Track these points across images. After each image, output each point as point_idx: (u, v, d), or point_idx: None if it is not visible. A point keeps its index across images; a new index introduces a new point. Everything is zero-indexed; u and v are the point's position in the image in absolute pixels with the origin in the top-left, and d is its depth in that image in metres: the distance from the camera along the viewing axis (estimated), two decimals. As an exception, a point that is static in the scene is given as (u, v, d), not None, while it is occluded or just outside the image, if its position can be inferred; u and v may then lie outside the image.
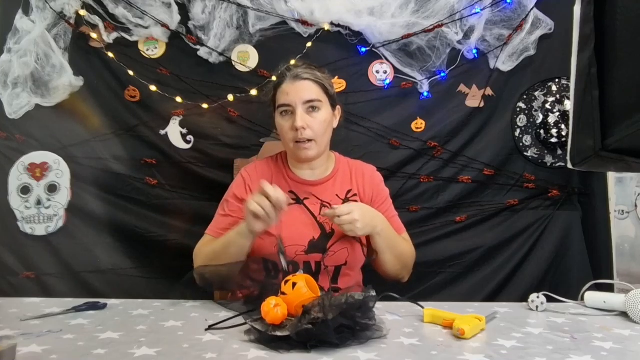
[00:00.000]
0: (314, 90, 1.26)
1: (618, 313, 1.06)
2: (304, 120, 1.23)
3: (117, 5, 1.80)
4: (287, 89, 1.25)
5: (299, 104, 1.24)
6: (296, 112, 1.23)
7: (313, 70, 1.29)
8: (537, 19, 1.83)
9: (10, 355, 0.73)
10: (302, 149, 1.26)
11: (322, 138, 1.28)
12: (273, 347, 0.81)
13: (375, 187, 1.37)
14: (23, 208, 1.84)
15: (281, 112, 1.27)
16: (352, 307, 0.87)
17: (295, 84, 1.25)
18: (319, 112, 1.26)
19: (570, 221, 1.89)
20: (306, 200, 1.31)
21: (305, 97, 1.24)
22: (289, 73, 1.27)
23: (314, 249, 1.24)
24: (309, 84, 1.26)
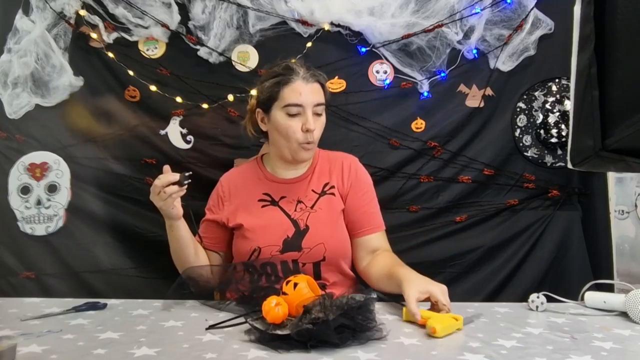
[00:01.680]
0: (321, 94, 1.28)
1: (618, 313, 1.06)
2: (313, 123, 1.24)
3: (117, 5, 1.80)
4: (300, 88, 1.24)
5: (309, 106, 1.24)
6: (306, 113, 1.24)
7: (320, 73, 1.31)
8: (537, 19, 1.83)
9: (10, 355, 0.73)
10: (306, 150, 1.27)
11: (318, 141, 1.31)
12: (273, 346, 0.81)
13: (354, 176, 1.36)
14: (23, 208, 1.84)
15: (288, 111, 1.25)
16: (352, 307, 0.87)
17: (308, 86, 1.25)
18: (321, 116, 1.29)
19: (570, 221, 1.89)
20: (282, 200, 1.31)
21: (316, 100, 1.26)
22: (300, 72, 1.26)
23: (289, 248, 1.24)
24: (319, 87, 1.28)
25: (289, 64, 1.29)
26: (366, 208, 1.34)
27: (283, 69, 1.28)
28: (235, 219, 1.31)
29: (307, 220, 1.26)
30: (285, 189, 1.33)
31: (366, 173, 1.41)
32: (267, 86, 1.28)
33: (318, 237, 1.25)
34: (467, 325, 0.98)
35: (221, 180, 1.42)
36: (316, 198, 1.30)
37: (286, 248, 1.24)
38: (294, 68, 1.27)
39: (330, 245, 1.25)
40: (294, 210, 1.28)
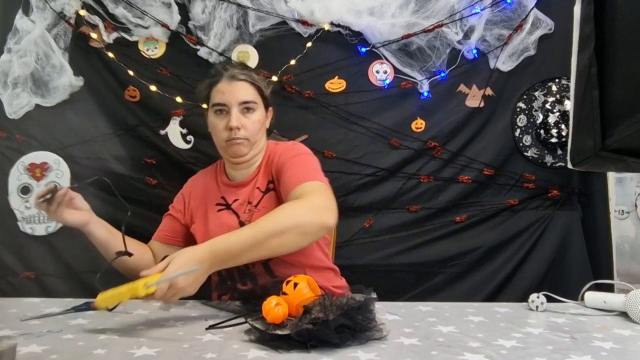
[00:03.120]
0: (249, 92, 1.29)
1: (618, 313, 1.06)
2: (238, 121, 1.25)
3: (117, 5, 1.80)
4: (224, 88, 1.27)
5: (234, 105, 1.26)
6: (231, 112, 1.26)
7: (250, 72, 1.32)
8: (537, 19, 1.83)
9: (10, 355, 0.73)
10: (235, 144, 1.27)
11: (255, 138, 1.30)
12: (273, 346, 0.81)
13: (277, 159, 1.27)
14: (23, 208, 1.84)
15: (216, 111, 1.29)
16: (352, 307, 0.87)
17: (232, 84, 1.27)
18: (253, 113, 1.29)
19: (570, 221, 1.89)
20: (235, 202, 1.31)
21: (240, 98, 1.27)
22: (225, 73, 1.29)
23: None
24: (245, 85, 1.28)
25: (219, 66, 1.34)
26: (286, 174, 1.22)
27: (214, 71, 1.33)
28: (195, 222, 1.35)
29: (251, 220, 1.23)
30: (237, 191, 1.32)
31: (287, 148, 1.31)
32: (201, 89, 1.35)
33: None
34: (467, 325, 0.98)
35: (189, 181, 1.46)
36: (261, 196, 1.28)
37: None
38: (221, 69, 1.31)
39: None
40: (244, 212, 1.28)
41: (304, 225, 1.06)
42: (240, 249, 1.02)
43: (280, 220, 1.06)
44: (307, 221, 1.06)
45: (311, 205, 1.09)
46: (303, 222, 1.06)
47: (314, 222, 1.07)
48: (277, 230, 1.03)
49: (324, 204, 1.10)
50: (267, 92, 1.34)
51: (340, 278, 1.39)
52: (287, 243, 1.06)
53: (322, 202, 1.10)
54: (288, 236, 1.04)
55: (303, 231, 1.06)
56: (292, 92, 1.85)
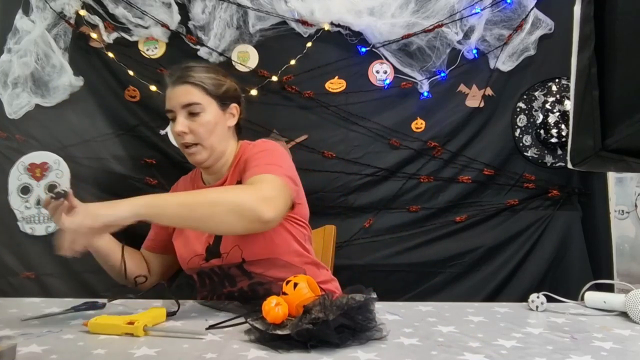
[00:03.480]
0: (192, 94, 1.22)
1: (618, 313, 1.06)
2: (180, 126, 1.21)
3: (117, 5, 1.80)
4: (169, 94, 1.25)
5: (178, 109, 1.22)
6: (177, 118, 1.22)
7: (196, 72, 1.24)
8: (537, 19, 1.83)
9: (10, 355, 0.73)
10: (190, 154, 1.24)
11: (209, 141, 1.23)
12: (273, 346, 0.81)
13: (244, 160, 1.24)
14: (23, 208, 1.84)
15: (169, 118, 1.26)
16: (352, 307, 0.87)
17: (175, 89, 1.23)
18: (200, 115, 1.22)
19: (570, 221, 1.89)
20: None
21: (184, 101, 1.22)
22: (169, 78, 1.25)
23: (211, 255, 1.22)
24: (187, 87, 1.23)
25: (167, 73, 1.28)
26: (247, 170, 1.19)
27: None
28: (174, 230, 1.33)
29: None
30: None
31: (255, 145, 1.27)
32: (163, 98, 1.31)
33: (231, 240, 1.18)
34: (467, 325, 0.98)
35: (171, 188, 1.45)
36: None
37: (209, 256, 1.22)
38: (167, 75, 1.27)
39: (246, 247, 1.17)
40: None
41: (239, 206, 1.01)
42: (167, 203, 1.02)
43: (218, 193, 1.07)
44: (243, 203, 1.01)
45: (254, 192, 1.06)
46: (239, 202, 1.02)
47: (250, 207, 1.01)
48: (210, 201, 1.02)
49: (268, 196, 1.05)
50: (218, 90, 1.25)
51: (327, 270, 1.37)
52: (217, 218, 1.01)
53: (266, 193, 1.05)
54: (219, 210, 1.00)
55: (236, 211, 1.01)
56: (292, 92, 1.85)
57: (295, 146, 1.85)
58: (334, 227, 1.67)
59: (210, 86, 1.24)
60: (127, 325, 0.88)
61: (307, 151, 1.86)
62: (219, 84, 1.26)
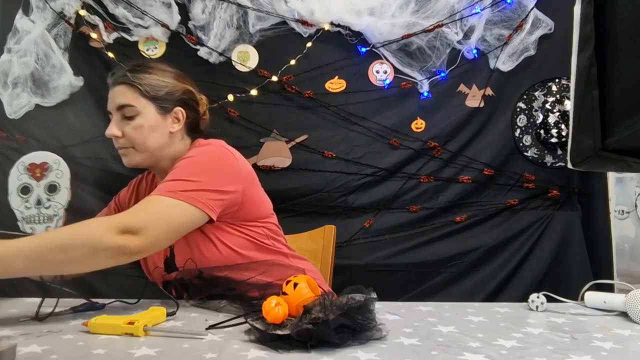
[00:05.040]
0: (126, 95, 1.16)
1: (618, 313, 1.06)
2: (112, 129, 1.17)
3: (117, 5, 1.80)
4: (109, 95, 1.20)
5: (114, 111, 1.18)
6: (112, 120, 1.18)
7: (135, 73, 1.17)
8: (537, 19, 1.84)
9: (10, 355, 0.72)
10: (122, 156, 1.20)
11: (144, 145, 1.16)
12: (273, 346, 0.81)
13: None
14: (23, 208, 1.84)
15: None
16: (352, 307, 0.87)
17: (113, 90, 1.19)
18: (134, 119, 1.15)
19: (570, 221, 1.89)
20: None
21: (116, 102, 1.17)
22: (111, 79, 1.20)
23: (169, 268, 1.18)
24: (123, 88, 1.17)
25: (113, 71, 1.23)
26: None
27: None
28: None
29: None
30: None
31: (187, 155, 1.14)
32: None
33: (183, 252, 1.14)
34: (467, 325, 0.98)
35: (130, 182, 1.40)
36: None
37: (167, 268, 1.19)
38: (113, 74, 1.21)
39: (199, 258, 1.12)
40: None
41: (93, 246, 0.92)
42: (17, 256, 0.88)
43: (68, 235, 0.94)
44: (98, 241, 0.92)
45: (111, 225, 0.95)
46: (93, 241, 0.92)
47: (107, 244, 0.92)
48: (60, 247, 0.91)
49: (132, 225, 0.95)
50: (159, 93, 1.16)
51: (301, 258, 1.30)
52: (75, 263, 0.94)
53: (130, 223, 0.96)
54: (74, 255, 0.91)
55: (93, 252, 0.92)
56: (292, 92, 1.85)
57: (295, 146, 1.85)
58: (334, 227, 1.67)
59: (147, 87, 1.16)
60: (127, 325, 0.88)
61: (307, 151, 1.86)
62: (160, 86, 1.17)
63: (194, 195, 1.04)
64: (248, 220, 1.18)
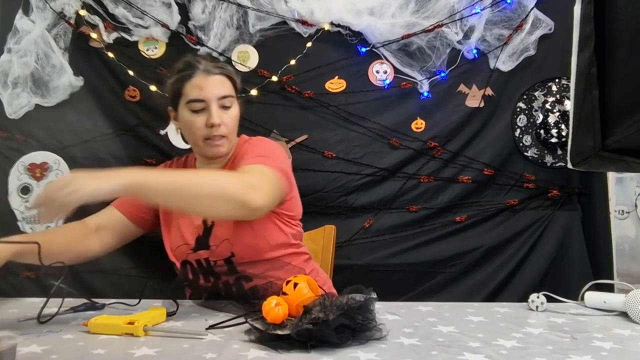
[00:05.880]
0: (226, 86, 1.21)
1: (618, 313, 1.06)
2: (220, 117, 1.18)
3: (117, 5, 1.80)
4: (201, 83, 1.18)
5: (213, 100, 1.18)
6: (211, 108, 1.18)
7: (224, 65, 1.25)
8: (537, 19, 1.83)
9: (10, 355, 0.72)
10: (215, 146, 1.20)
11: (233, 134, 1.24)
12: (273, 346, 0.81)
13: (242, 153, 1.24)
14: (23, 208, 1.84)
15: (192, 107, 1.20)
16: (352, 307, 0.87)
17: (209, 79, 1.19)
18: (231, 108, 1.22)
19: (570, 221, 1.89)
20: None
21: (219, 92, 1.19)
22: (199, 66, 1.20)
23: (200, 246, 1.20)
24: (222, 78, 1.21)
25: (190, 59, 1.23)
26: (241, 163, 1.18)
27: (184, 64, 1.23)
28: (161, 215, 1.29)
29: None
30: None
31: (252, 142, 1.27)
32: (171, 83, 1.25)
33: (222, 234, 1.17)
34: (467, 325, 0.98)
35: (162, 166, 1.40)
36: None
37: (197, 246, 1.20)
38: (193, 62, 1.21)
39: (237, 242, 1.17)
40: None
41: (225, 190, 1.00)
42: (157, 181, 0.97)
43: (208, 178, 1.04)
44: (229, 188, 1.00)
45: (240, 179, 1.04)
46: (225, 187, 1.00)
47: (236, 193, 1.00)
48: (198, 183, 1.00)
49: (255, 184, 1.03)
50: (239, 85, 1.27)
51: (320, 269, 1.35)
52: (204, 201, 1.00)
53: (253, 181, 1.04)
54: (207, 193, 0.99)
55: (223, 196, 1.00)
56: (292, 92, 1.85)
57: (295, 146, 1.85)
58: (334, 227, 1.67)
59: (237, 81, 1.26)
60: (127, 325, 0.88)
61: (307, 151, 1.86)
62: (238, 79, 1.27)
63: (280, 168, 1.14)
64: (289, 216, 1.25)
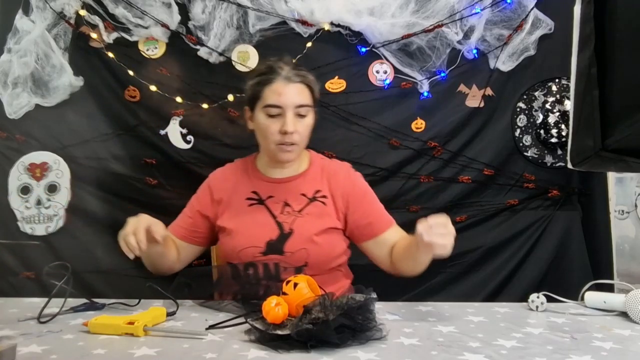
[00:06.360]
0: (304, 95, 1.25)
1: (618, 313, 1.06)
2: (294, 125, 1.22)
3: (117, 5, 1.80)
4: (280, 89, 1.22)
5: (290, 107, 1.22)
6: (286, 115, 1.22)
7: (305, 73, 1.27)
8: (537, 19, 1.83)
9: (10, 355, 0.73)
10: (285, 151, 1.25)
11: (305, 142, 1.29)
12: (273, 346, 0.81)
13: (350, 185, 1.34)
14: (23, 208, 1.84)
15: (268, 112, 1.24)
16: (352, 307, 0.87)
17: (289, 86, 1.23)
18: (306, 117, 1.26)
19: (570, 221, 1.89)
20: (269, 199, 1.29)
21: (297, 101, 1.23)
22: (282, 72, 1.24)
23: (271, 250, 1.22)
24: (302, 87, 1.25)
25: (273, 63, 1.27)
26: (371, 211, 1.33)
27: (266, 68, 1.27)
28: (223, 216, 1.30)
29: (293, 224, 1.24)
30: (273, 188, 1.31)
31: (360, 178, 1.39)
32: (251, 85, 1.28)
33: (301, 242, 1.22)
34: (467, 325, 0.98)
35: (214, 172, 1.41)
36: (306, 203, 1.28)
37: (269, 250, 1.22)
38: (276, 68, 1.25)
39: (313, 252, 1.23)
40: (280, 212, 1.26)
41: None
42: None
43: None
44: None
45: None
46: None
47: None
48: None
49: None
50: (317, 94, 1.31)
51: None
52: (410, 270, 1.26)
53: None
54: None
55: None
56: (292, 92, 1.84)
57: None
58: (334, 227, 1.67)
59: (315, 90, 1.29)
60: (127, 325, 0.88)
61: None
62: (317, 89, 1.31)
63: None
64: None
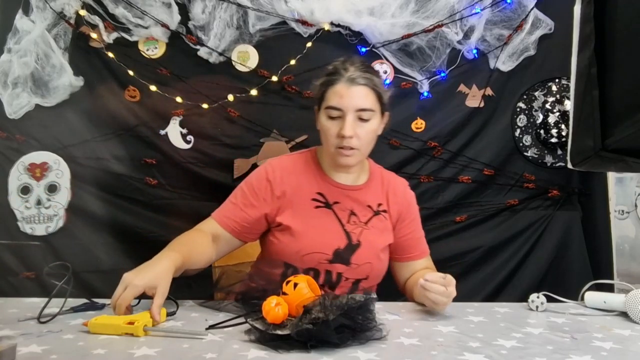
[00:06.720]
0: (369, 99, 1.17)
1: (618, 313, 1.06)
2: (353, 129, 1.15)
3: (117, 5, 1.80)
4: (342, 91, 1.16)
5: (350, 111, 1.15)
6: (346, 118, 1.15)
7: (371, 75, 1.18)
8: (537, 19, 1.83)
9: (10, 355, 0.72)
10: (344, 156, 1.18)
11: (367, 147, 1.22)
12: (273, 346, 0.81)
13: (406, 204, 1.32)
14: (23, 208, 1.84)
15: (329, 114, 1.18)
16: (352, 307, 0.87)
17: (351, 89, 1.15)
18: (369, 122, 1.18)
19: (570, 221, 1.89)
20: (335, 205, 1.24)
21: (358, 104, 1.16)
22: (345, 74, 1.17)
23: (338, 260, 1.19)
24: (365, 90, 1.16)
25: (339, 64, 1.20)
26: (414, 234, 1.32)
27: (333, 69, 1.21)
28: (284, 213, 1.22)
29: (360, 235, 1.21)
30: (339, 194, 1.25)
31: (414, 199, 1.36)
32: (317, 85, 1.24)
33: (368, 256, 1.21)
34: (467, 325, 0.98)
35: (271, 163, 1.27)
36: (371, 215, 1.25)
37: (335, 259, 1.18)
38: (340, 69, 1.18)
39: (375, 267, 1.23)
40: (347, 221, 1.22)
41: None
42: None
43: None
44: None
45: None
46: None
47: None
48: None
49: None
50: (385, 99, 1.22)
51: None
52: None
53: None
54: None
55: None
56: (292, 92, 1.85)
57: (295, 146, 1.85)
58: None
59: (383, 93, 1.20)
60: (127, 325, 0.88)
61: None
62: (386, 92, 1.22)
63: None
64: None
